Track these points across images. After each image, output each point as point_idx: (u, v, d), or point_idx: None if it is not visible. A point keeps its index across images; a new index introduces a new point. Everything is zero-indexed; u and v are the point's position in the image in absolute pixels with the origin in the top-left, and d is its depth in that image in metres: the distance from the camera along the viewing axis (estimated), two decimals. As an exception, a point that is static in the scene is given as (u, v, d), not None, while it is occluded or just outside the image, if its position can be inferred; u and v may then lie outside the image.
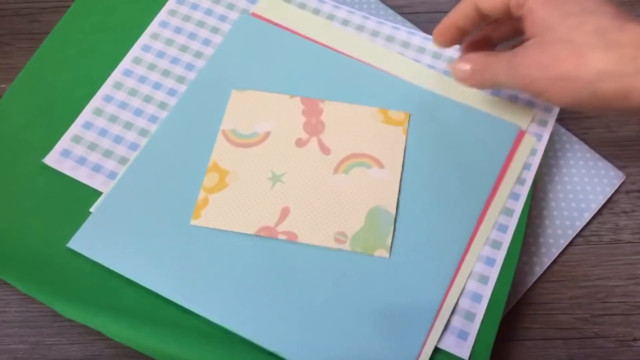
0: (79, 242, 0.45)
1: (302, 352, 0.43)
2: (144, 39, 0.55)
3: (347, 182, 0.48)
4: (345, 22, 0.55)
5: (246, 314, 0.44)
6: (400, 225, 0.47)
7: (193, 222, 0.47)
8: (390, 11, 0.58)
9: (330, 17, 0.55)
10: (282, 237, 0.46)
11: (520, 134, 0.50)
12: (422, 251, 0.46)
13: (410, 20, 0.58)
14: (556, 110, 0.50)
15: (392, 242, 0.46)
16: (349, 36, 0.54)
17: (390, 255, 0.46)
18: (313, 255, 0.46)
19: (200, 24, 0.56)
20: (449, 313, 0.44)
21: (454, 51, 0.53)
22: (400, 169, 0.49)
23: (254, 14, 0.56)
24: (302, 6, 0.56)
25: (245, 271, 0.45)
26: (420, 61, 0.53)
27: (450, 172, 0.49)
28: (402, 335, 0.43)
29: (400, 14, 0.58)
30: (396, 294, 0.44)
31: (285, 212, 0.47)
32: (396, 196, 0.48)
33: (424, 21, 0.58)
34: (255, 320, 0.43)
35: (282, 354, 0.42)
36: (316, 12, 0.56)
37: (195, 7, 0.57)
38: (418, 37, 0.54)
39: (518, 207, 0.47)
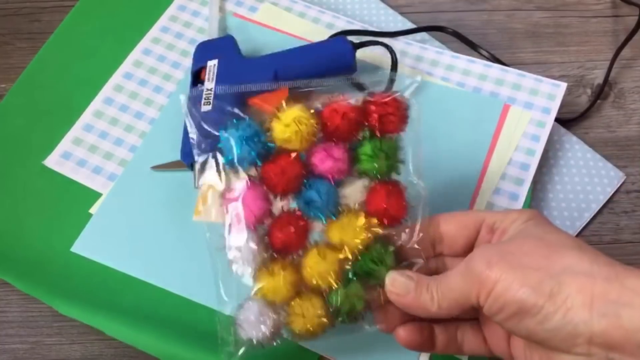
0: (82, 246, 0.46)
1: (321, 343, 0.42)
2: (145, 42, 0.55)
3: None
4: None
5: None
6: None
7: (195, 218, 0.47)
8: (391, 11, 0.58)
9: (330, 25, 0.56)
10: None
11: (506, 107, 0.51)
12: None
13: (410, 20, 0.58)
14: (554, 113, 0.50)
15: None
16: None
17: None
18: None
19: (202, 30, 0.56)
20: None
21: (466, 62, 0.53)
22: None
23: (235, 15, 0.57)
24: (303, 15, 0.57)
25: None
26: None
27: (441, 151, 0.49)
28: None
29: (401, 13, 0.58)
30: None
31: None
32: None
33: (424, 21, 0.58)
34: None
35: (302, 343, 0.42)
36: (316, 20, 0.56)
37: (196, 14, 0.57)
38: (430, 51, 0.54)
39: (517, 207, 0.47)
